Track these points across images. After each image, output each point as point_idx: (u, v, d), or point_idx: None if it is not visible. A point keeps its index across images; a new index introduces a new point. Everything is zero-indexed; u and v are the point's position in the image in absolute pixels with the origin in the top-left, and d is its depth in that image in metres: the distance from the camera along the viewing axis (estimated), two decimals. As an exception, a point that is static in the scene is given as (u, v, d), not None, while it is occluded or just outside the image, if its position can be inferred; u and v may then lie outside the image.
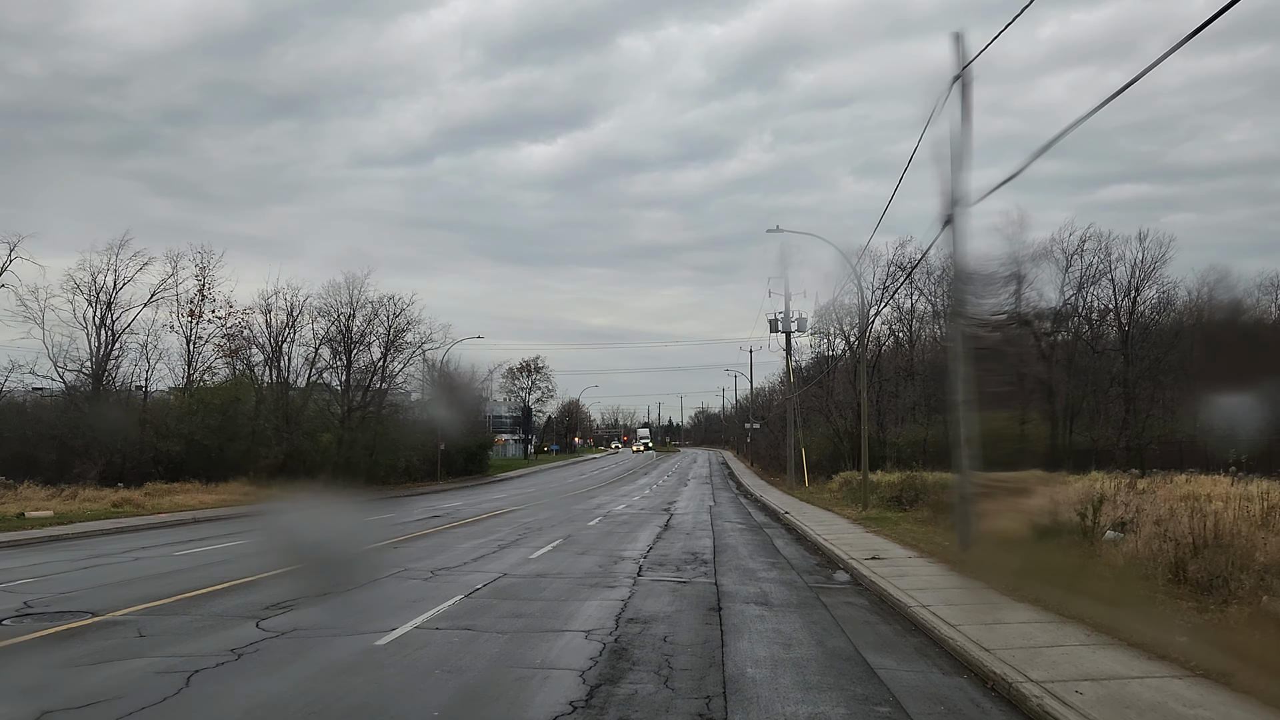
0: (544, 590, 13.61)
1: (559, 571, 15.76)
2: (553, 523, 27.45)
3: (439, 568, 16.27)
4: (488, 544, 20.41)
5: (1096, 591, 11.69)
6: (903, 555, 17.52)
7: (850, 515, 28.94)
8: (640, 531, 24.44)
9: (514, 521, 27.75)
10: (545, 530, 24.54)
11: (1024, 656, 8.70)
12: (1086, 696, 7.33)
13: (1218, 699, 7.27)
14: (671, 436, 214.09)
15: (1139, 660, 8.57)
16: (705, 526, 26.63)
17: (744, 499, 43.74)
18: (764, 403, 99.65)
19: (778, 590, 14.06)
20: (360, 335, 52.52)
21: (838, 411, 57.23)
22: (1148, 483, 30.07)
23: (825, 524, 25.86)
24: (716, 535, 23.61)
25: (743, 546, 20.89)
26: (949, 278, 37.16)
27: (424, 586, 14.14)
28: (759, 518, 30.94)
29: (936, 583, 13.96)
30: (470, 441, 70.68)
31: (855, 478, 41.27)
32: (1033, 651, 8.94)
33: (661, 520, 28.68)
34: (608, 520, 28.62)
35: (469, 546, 19.52)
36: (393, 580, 14.86)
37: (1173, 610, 10.83)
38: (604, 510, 33.66)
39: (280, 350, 51.43)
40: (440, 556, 18.04)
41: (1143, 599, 11.70)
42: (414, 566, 16.38)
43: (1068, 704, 7.13)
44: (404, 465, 56.36)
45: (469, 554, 18.34)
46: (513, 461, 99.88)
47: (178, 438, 45.14)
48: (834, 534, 22.52)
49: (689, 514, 32.15)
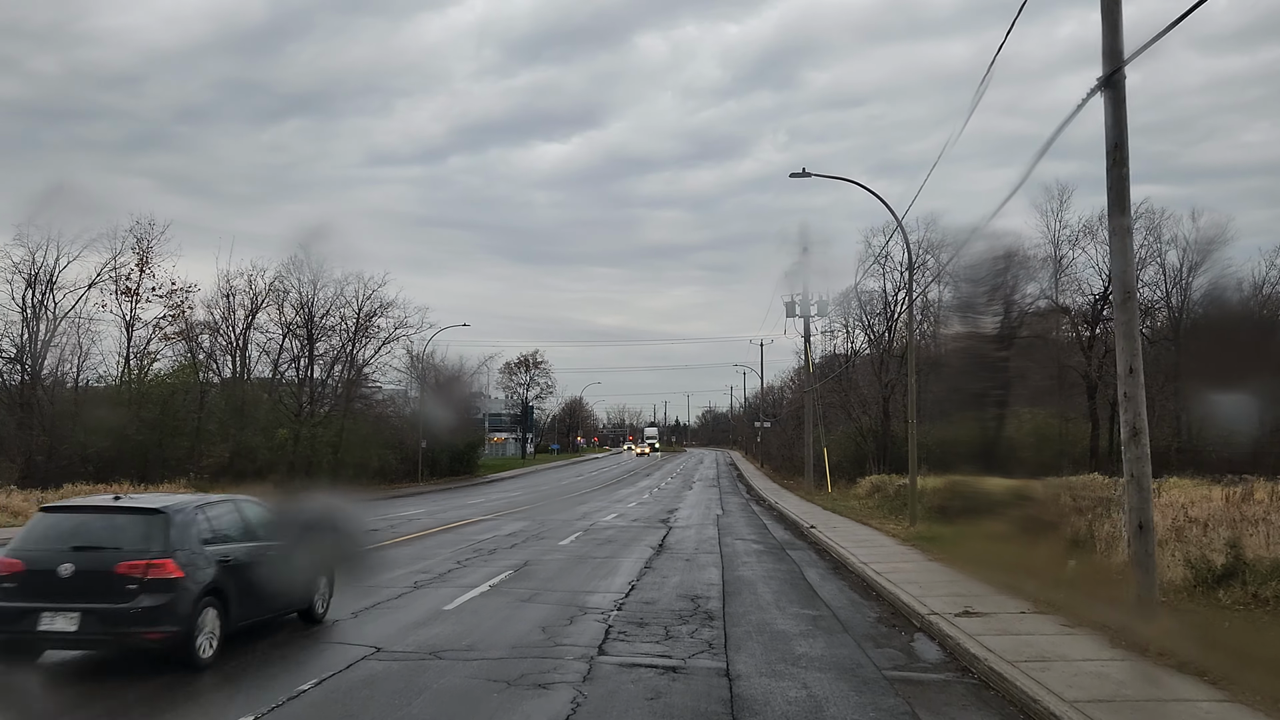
0: (412, 703, 7.57)
1: (470, 645, 9.75)
2: (517, 540, 21.49)
3: (260, 642, 10.28)
4: (401, 580, 14.41)
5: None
6: (1013, 610, 11.47)
7: (894, 532, 22.99)
8: (625, 556, 18.47)
9: (468, 538, 21.78)
10: (498, 553, 18.55)
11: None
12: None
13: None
14: (678, 436, 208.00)
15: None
16: (711, 546, 20.67)
17: (756, 506, 37.69)
18: (774, 400, 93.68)
19: (835, 691, 8.06)
20: (322, 318, 46.40)
21: (860, 407, 51.06)
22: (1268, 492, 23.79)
23: (867, 545, 19.90)
24: (726, 562, 17.63)
25: (763, 583, 14.90)
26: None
27: (204, 679, 8.18)
28: (778, 533, 24.90)
29: (1136, 693, 7.91)
30: (457, 440, 64.83)
31: (888, 482, 35.22)
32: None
33: (656, 537, 22.68)
34: (588, 536, 22.64)
35: (367, 587, 13.52)
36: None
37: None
38: (589, 521, 27.67)
39: (231, 335, 45.55)
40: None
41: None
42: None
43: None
44: (377, 465, 50.43)
45: (354, 604, 12.36)
46: (508, 461, 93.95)
47: (106, 433, 39.33)
48: (884, 562, 16.53)
49: (691, 527, 26.15)
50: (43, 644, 8.67)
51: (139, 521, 8.95)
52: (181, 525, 8.95)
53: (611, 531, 24.24)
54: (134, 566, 8.39)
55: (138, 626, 8.29)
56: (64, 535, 8.85)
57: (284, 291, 45.48)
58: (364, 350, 49.98)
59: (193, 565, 8.74)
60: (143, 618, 8.26)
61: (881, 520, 26.01)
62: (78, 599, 8.25)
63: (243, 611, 9.43)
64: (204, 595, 8.76)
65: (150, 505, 9.27)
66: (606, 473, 75.58)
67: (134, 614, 8.23)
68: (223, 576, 9.08)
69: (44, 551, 8.60)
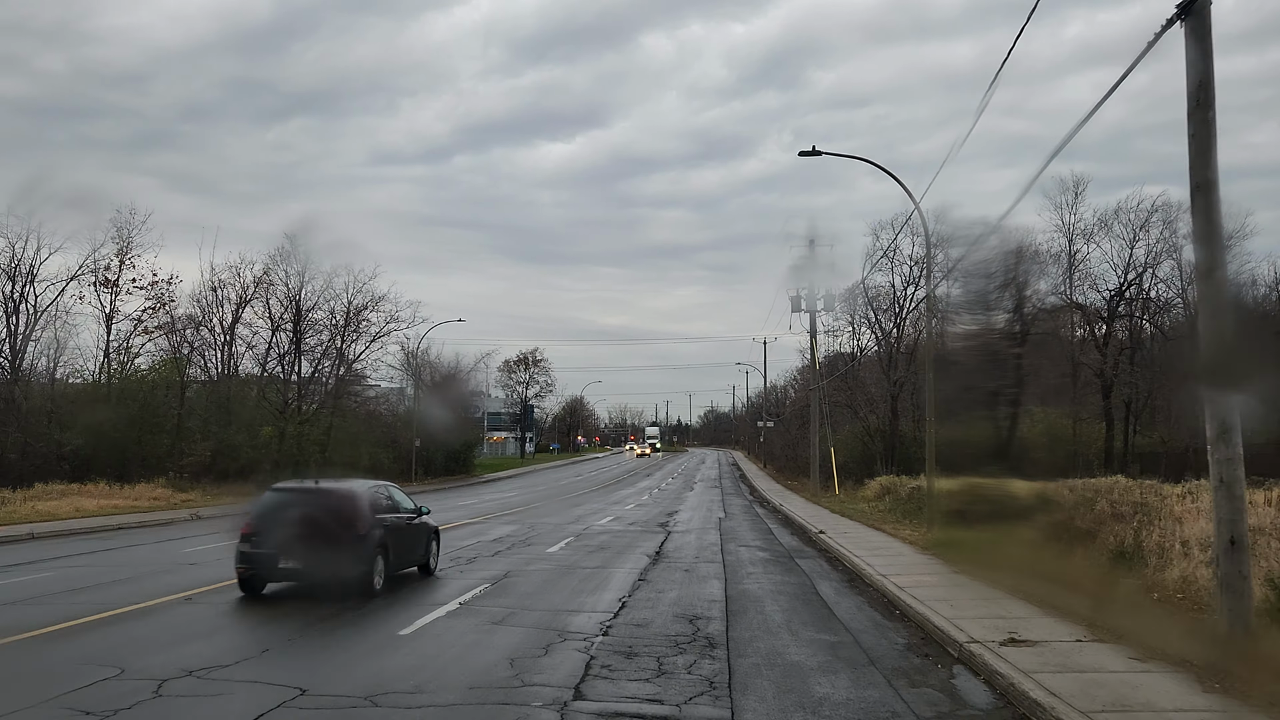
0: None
1: (417, 685, 8.04)
2: (501, 547, 19.82)
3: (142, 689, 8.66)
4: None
5: None
6: (1066, 637, 9.77)
7: (910, 538, 21.35)
8: (618, 565, 16.78)
9: (448, 545, 20.08)
10: (478, 562, 16.87)
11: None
12: None
13: None
14: (680, 436, 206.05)
15: None
16: (713, 554, 18.99)
17: (760, 508, 35.98)
18: (777, 400, 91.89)
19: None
20: (309, 310, 44.66)
21: (868, 406, 49.29)
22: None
23: (883, 554, 18.24)
24: (729, 573, 15.94)
25: (771, 599, 13.20)
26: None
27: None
28: (785, 539, 23.21)
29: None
30: (453, 438, 63.13)
31: (899, 484, 33.46)
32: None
33: (653, 544, 20.99)
34: (579, 543, 20.95)
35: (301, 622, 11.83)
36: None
37: None
38: (582, 525, 25.98)
39: (219, 329, 43.83)
40: (218, 640, 10.43)
41: None
42: (135, 664, 8.79)
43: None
44: (368, 464, 48.65)
45: (300, 628, 10.67)
46: (506, 461, 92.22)
47: (82, 430, 37.68)
48: (905, 574, 14.85)
49: (692, 532, 24.47)
50: (280, 577, 12.40)
51: (339, 498, 12.96)
52: (364, 500, 12.98)
53: (606, 537, 22.53)
54: (338, 525, 12.27)
55: (340, 566, 12.13)
56: (287, 505, 12.69)
57: (270, 284, 43.75)
58: (354, 345, 48.25)
59: (371, 527, 12.66)
60: (343, 561, 12.13)
61: (895, 525, 24.32)
62: (300, 548, 12.01)
63: (396, 561, 13.46)
64: (377, 547, 12.66)
65: (345, 487, 13.55)
66: (606, 473, 73.89)
67: (338, 558, 12.10)
68: (386, 536, 12.96)
69: (273, 515, 12.36)
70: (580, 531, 23.80)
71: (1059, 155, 12.11)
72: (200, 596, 12.70)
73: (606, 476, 66.91)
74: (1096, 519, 17.46)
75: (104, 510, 29.28)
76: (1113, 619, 10.35)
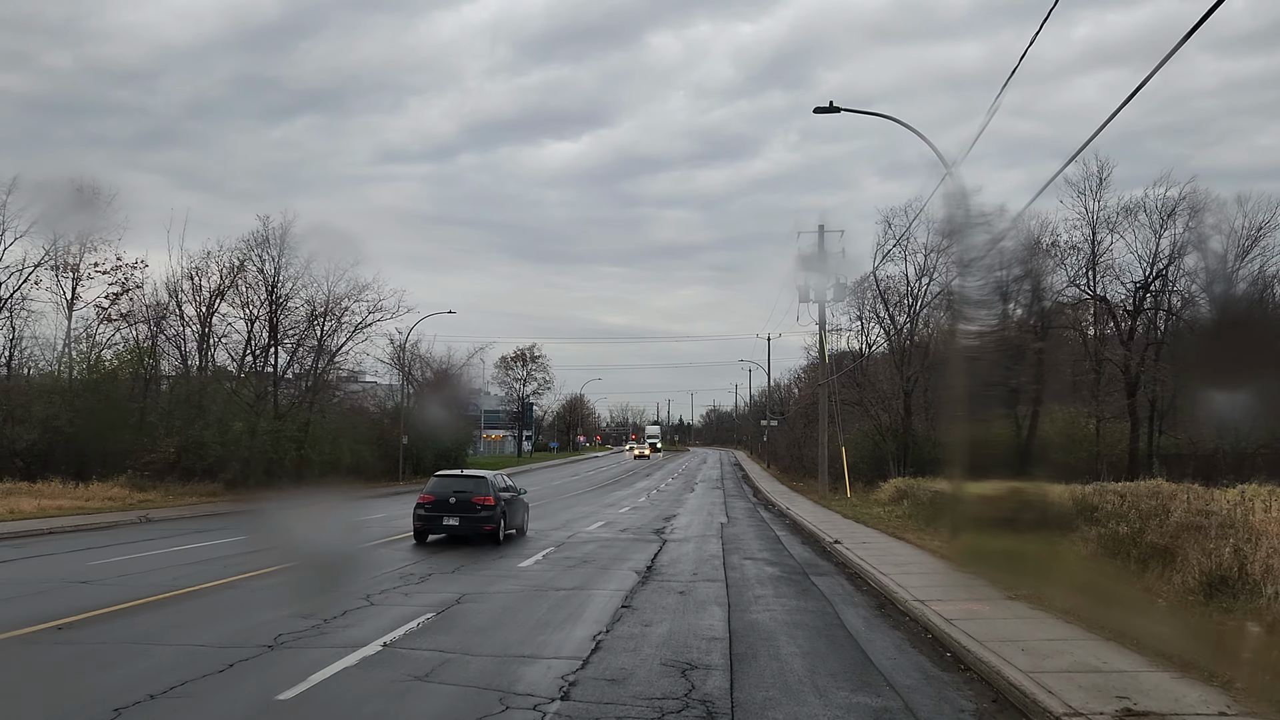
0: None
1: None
2: (463, 560, 17.04)
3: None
4: (260, 631, 9.96)
5: None
6: (1202, 709, 7.01)
7: (940, 551, 18.66)
8: (599, 585, 14.04)
9: (400, 559, 17.38)
10: (430, 581, 14.10)
11: None
12: None
13: None
14: (681, 435, 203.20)
15: None
16: (714, 570, 16.24)
17: (765, 512, 33.23)
18: (782, 398, 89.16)
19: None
20: (286, 298, 41.88)
21: (879, 403, 46.53)
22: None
23: (912, 571, 15.56)
24: (733, 597, 13.19)
25: (787, 636, 10.45)
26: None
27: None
28: (796, 550, 20.45)
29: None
30: (444, 435, 60.39)
31: (917, 486, 30.69)
32: None
33: (645, 556, 18.26)
34: (559, 554, 18.22)
35: (193, 649, 9.06)
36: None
37: None
38: (567, 532, 23.24)
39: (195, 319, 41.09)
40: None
41: None
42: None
43: None
44: (350, 462, 45.92)
45: (154, 681, 7.94)
46: (501, 460, 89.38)
47: (34, 425, 35.03)
48: (946, 599, 12.12)
49: (690, 540, 21.73)
50: (444, 531, 19.38)
51: (477, 481, 19.95)
52: (492, 482, 20.05)
53: (591, 547, 19.79)
54: (479, 499, 19.21)
55: (481, 524, 19.11)
56: (447, 484, 19.93)
57: (244, 271, 40.97)
58: (335, 337, 45.48)
59: (497, 499, 19.48)
60: (482, 520, 19.08)
61: (918, 534, 21.56)
62: (457, 512, 19.13)
63: (509, 524, 20.28)
64: (500, 512, 19.50)
65: (482, 474, 20.90)
66: (604, 473, 71.17)
67: (479, 519, 19.09)
68: (504, 505, 19.85)
69: (440, 491, 19.60)
70: (563, 540, 21.07)
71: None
72: (42, 635, 9.95)
73: (604, 477, 64.17)
74: (1169, 531, 14.68)
75: (44, 512, 26.56)
76: (1254, 675, 7.62)
